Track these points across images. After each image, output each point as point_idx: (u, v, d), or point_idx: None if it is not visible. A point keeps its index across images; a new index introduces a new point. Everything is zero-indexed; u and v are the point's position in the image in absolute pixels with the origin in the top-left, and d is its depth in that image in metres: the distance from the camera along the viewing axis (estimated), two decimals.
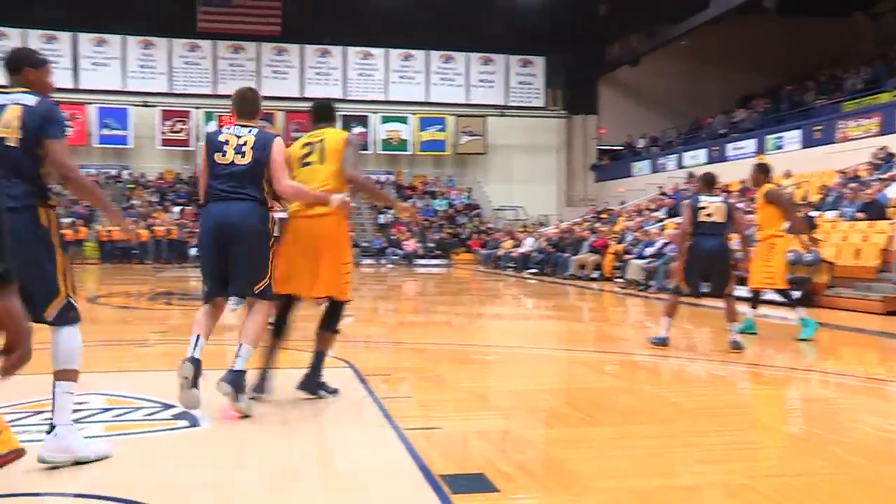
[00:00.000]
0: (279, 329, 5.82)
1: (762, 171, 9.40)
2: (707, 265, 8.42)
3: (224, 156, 5.52)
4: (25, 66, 4.61)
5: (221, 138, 5.61)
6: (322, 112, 6.09)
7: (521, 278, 24.17)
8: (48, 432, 4.13)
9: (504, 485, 3.94)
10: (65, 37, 35.75)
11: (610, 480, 4.09)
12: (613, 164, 38.33)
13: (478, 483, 3.98)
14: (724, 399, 6.67)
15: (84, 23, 35.16)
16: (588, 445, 4.77)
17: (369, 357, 8.26)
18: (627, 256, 19.86)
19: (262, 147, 5.48)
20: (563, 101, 38.95)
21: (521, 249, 27.23)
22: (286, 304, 5.83)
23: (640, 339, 10.33)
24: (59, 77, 35.38)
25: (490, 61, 38.40)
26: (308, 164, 5.73)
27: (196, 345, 5.26)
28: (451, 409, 5.76)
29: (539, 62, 38.50)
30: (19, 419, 5.26)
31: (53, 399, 4.16)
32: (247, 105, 5.79)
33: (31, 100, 4.45)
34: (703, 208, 8.41)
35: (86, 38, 35.98)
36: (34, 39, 35.27)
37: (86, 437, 4.43)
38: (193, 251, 29.67)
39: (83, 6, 33.95)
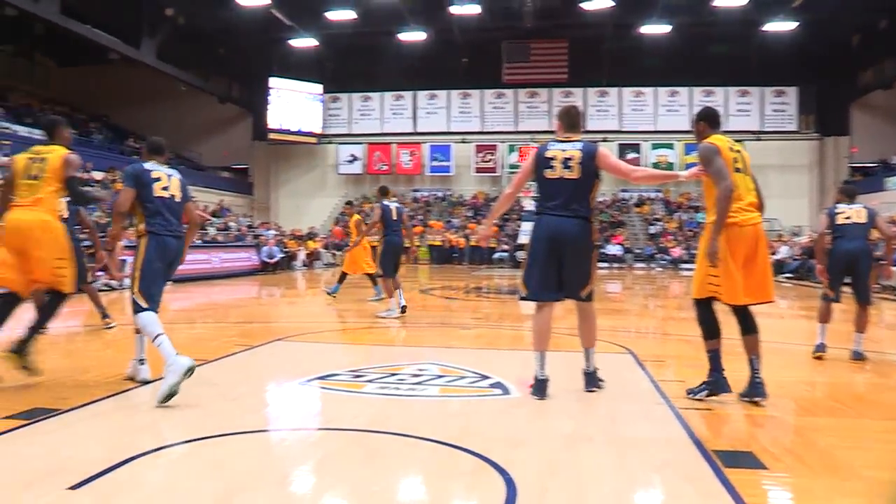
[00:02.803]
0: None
1: None
2: (847, 267, 6.90)
3: (553, 171, 5.02)
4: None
5: (548, 154, 5.08)
6: (717, 117, 5.30)
7: (776, 282, 22.51)
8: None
9: (772, 463, 3.67)
10: (408, 95, 38.15)
11: (880, 471, 3.61)
12: (866, 179, 34.52)
13: (747, 460, 3.73)
14: None
15: (421, 83, 37.45)
16: (853, 436, 4.27)
17: (644, 345, 8.02)
18: (883, 263, 17.84)
19: (588, 161, 4.96)
20: (815, 125, 35.77)
21: (777, 256, 25.38)
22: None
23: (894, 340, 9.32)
24: (404, 125, 38.09)
25: (746, 93, 36.14)
26: (738, 170, 4.92)
27: (543, 363, 5.05)
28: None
29: (792, 92, 35.69)
30: (380, 377, 5.61)
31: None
32: (566, 119, 5.20)
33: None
34: (839, 213, 6.97)
35: (422, 95, 38.12)
36: (388, 98, 38.22)
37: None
38: (496, 255, 30.64)
39: (421, 72, 36.03)
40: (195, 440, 3.85)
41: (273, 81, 36.87)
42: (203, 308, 12.60)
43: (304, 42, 34.60)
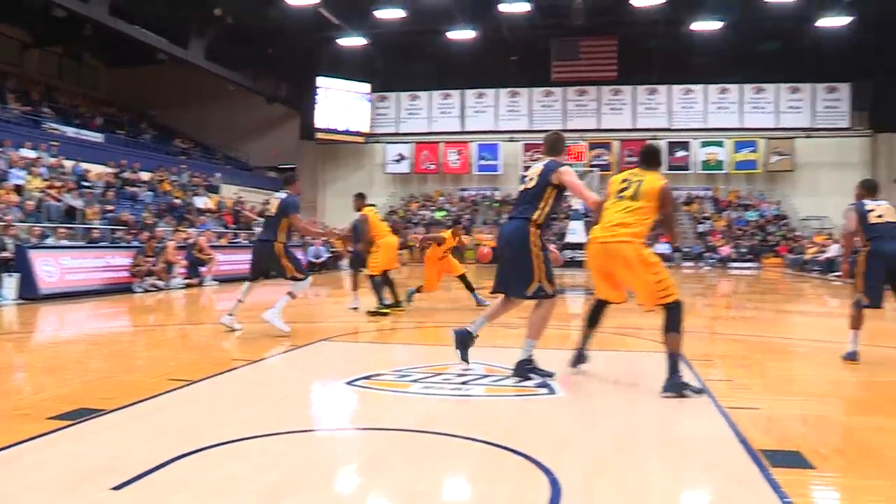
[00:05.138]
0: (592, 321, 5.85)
1: None
2: (891, 270, 6.38)
3: (523, 182, 5.76)
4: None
5: (528, 172, 5.79)
6: (648, 157, 5.65)
7: (825, 280, 22.04)
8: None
9: (820, 463, 3.61)
10: (456, 94, 38.22)
11: None
12: None
13: (795, 459, 3.68)
14: None
15: (469, 82, 37.52)
16: None
17: (691, 344, 7.87)
18: None
19: (546, 174, 5.55)
20: (868, 121, 34.94)
21: (827, 254, 24.85)
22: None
23: None
24: (451, 124, 38.22)
25: (798, 90, 35.43)
26: (621, 196, 5.39)
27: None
28: (765, 392, 5.35)
29: (844, 88, 34.85)
30: (425, 377, 5.64)
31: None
32: (546, 144, 5.93)
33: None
34: (870, 211, 6.51)
35: (470, 93, 38.16)
36: (436, 97, 38.27)
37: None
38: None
39: (469, 71, 36.01)
40: (241, 440, 3.89)
41: (321, 81, 37.25)
42: (249, 308, 12.67)
43: (352, 41, 34.84)
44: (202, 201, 26.18)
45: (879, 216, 6.52)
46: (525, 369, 5.56)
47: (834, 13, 29.83)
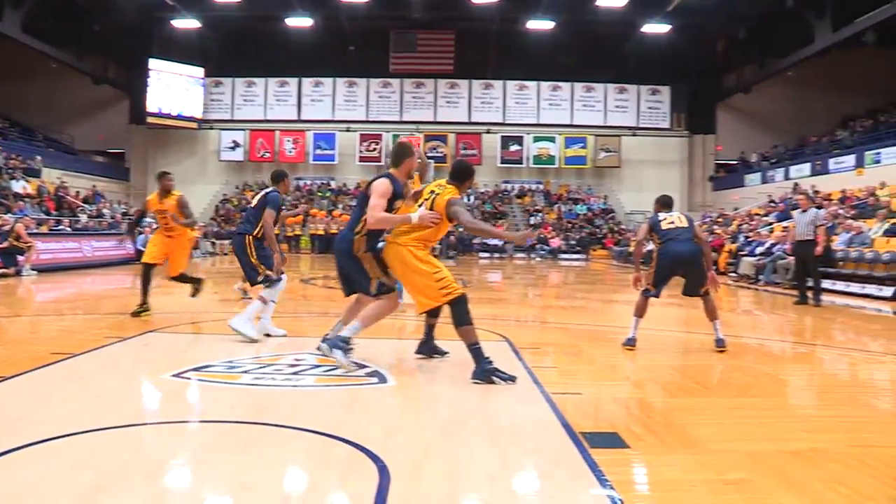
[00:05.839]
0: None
1: None
2: (681, 267, 7.38)
3: None
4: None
5: None
6: (453, 172, 5.90)
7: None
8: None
9: (634, 442, 3.87)
10: (293, 81, 37.46)
11: (725, 443, 3.93)
12: (728, 175, 37.00)
13: (612, 440, 3.92)
14: (828, 378, 6.27)
15: (306, 70, 36.77)
16: (706, 413, 4.59)
17: (521, 333, 8.19)
18: (741, 254, 19.05)
19: (365, 189, 5.74)
20: (685, 123, 37.78)
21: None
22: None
23: (748, 325, 9.91)
24: (288, 112, 37.46)
25: (624, 90, 37.61)
26: (422, 206, 5.66)
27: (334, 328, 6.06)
28: (589, 378, 5.64)
29: (665, 91, 37.43)
30: (256, 368, 5.53)
31: None
32: (391, 155, 6.01)
33: None
34: (662, 220, 7.48)
35: (307, 82, 37.52)
36: (273, 85, 37.29)
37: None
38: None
39: (307, 59, 35.39)
40: (55, 438, 3.65)
41: (153, 63, 35.53)
42: (73, 299, 12.04)
43: (186, 23, 33.37)
44: (20, 185, 24.27)
45: (671, 223, 7.44)
46: (341, 346, 5.58)
47: (656, 21, 31.89)
